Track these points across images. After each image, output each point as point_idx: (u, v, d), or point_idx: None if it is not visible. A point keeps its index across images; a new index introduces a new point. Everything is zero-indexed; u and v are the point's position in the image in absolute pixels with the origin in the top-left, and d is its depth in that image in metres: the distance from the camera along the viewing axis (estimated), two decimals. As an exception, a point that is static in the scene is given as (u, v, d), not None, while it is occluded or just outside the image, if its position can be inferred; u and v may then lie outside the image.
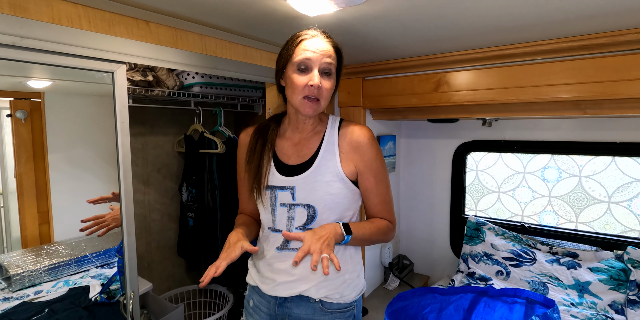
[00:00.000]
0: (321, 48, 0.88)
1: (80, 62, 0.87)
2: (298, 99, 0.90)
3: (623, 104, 1.20)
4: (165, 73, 1.60)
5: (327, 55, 0.89)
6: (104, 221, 1.25)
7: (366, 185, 0.98)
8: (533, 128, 1.73)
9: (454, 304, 1.34)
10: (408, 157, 2.12)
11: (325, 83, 0.89)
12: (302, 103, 0.90)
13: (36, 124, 1.34)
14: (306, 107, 0.90)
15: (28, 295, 1.24)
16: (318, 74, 0.88)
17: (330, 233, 0.86)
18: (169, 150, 2.01)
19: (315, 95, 0.89)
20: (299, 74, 0.89)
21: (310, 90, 0.88)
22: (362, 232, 0.93)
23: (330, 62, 0.89)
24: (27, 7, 0.78)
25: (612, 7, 0.90)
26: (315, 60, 0.87)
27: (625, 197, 1.60)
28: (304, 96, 0.89)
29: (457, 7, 0.92)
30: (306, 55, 0.87)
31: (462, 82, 1.42)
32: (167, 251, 2.05)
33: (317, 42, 0.89)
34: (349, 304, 0.99)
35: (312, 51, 0.87)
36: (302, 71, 0.89)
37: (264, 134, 1.02)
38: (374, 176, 0.97)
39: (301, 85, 0.88)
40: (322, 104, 0.91)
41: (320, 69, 0.88)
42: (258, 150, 0.99)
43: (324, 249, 0.81)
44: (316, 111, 0.92)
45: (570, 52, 1.20)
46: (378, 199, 0.99)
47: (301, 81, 0.88)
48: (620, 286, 1.43)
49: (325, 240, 0.83)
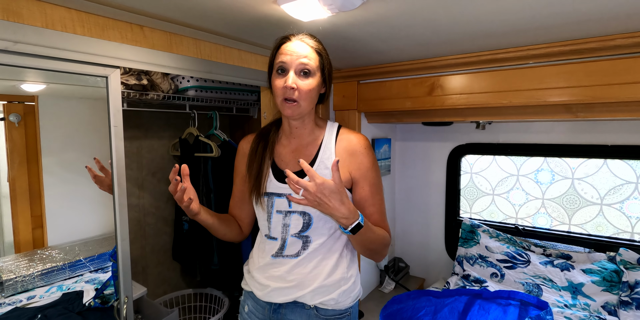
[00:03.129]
0: (297, 50, 0.89)
1: (74, 66, 0.87)
2: (279, 101, 0.91)
3: (613, 108, 1.22)
4: (160, 77, 1.59)
5: (303, 56, 0.89)
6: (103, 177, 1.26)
7: (361, 194, 0.97)
8: (526, 131, 1.75)
9: (449, 306, 1.35)
10: (403, 160, 2.13)
11: (302, 83, 0.89)
12: (282, 105, 0.91)
13: (30, 127, 1.33)
14: (285, 109, 0.91)
15: (21, 301, 1.23)
16: (294, 75, 0.88)
17: (340, 204, 0.79)
18: (163, 154, 2.00)
19: (291, 96, 0.89)
20: (277, 77, 0.91)
21: (286, 91, 0.88)
22: (373, 231, 0.89)
23: (306, 62, 0.89)
24: (20, 12, 0.78)
25: (601, 13, 0.92)
26: (290, 63, 0.88)
27: (617, 199, 1.62)
28: (282, 98, 0.90)
29: (450, 12, 0.93)
30: (282, 58, 0.89)
31: (456, 85, 1.43)
32: (162, 255, 2.04)
33: (294, 44, 0.90)
34: (345, 310, 0.99)
35: (288, 54, 0.89)
36: (279, 74, 0.90)
37: (265, 138, 1.02)
38: (370, 186, 0.96)
39: (278, 87, 0.90)
40: (303, 105, 0.91)
41: (297, 70, 0.89)
42: (259, 156, 0.99)
43: (311, 198, 0.78)
44: (295, 112, 0.91)
45: (562, 56, 1.22)
46: (374, 208, 0.97)
47: (278, 83, 0.90)
48: (613, 287, 1.44)
49: (325, 199, 0.77)
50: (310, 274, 0.95)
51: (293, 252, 0.95)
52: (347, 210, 0.80)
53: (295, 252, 0.95)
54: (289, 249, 0.96)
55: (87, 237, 1.49)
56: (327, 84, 0.97)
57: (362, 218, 0.84)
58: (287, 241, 0.96)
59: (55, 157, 1.39)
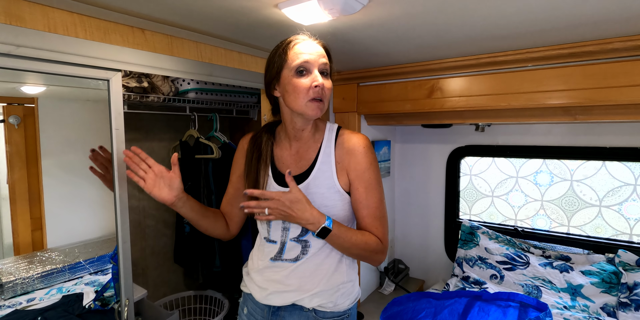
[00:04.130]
0: (315, 49, 0.89)
1: (75, 70, 0.87)
2: (303, 102, 0.88)
3: (611, 110, 1.23)
4: (161, 79, 1.60)
5: (322, 55, 0.89)
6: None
7: (355, 195, 0.94)
8: (525, 133, 1.75)
9: (449, 308, 1.35)
10: (403, 162, 2.14)
11: (326, 83, 0.89)
12: (308, 106, 0.88)
13: (29, 129, 1.33)
14: (314, 108, 0.88)
15: (20, 303, 1.23)
16: (319, 74, 0.88)
17: (302, 212, 0.85)
18: (164, 156, 2.00)
19: (320, 95, 0.88)
20: (299, 77, 0.88)
21: (316, 91, 0.87)
22: (348, 235, 0.88)
23: (326, 62, 0.90)
24: (22, 16, 0.78)
25: (599, 16, 0.93)
26: (314, 62, 0.88)
27: (615, 201, 1.63)
28: (310, 99, 0.88)
29: (449, 16, 0.94)
30: (304, 58, 0.87)
31: (455, 88, 1.44)
32: (162, 257, 2.04)
33: (310, 44, 0.90)
34: (343, 312, 0.98)
35: (308, 53, 0.87)
36: (302, 74, 0.88)
37: (258, 146, 1.00)
38: (365, 187, 0.93)
39: (305, 88, 0.87)
40: (326, 104, 0.91)
41: (319, 69, 0.89)
42: (254, 163, 0.98)
43: (276, 213, 0.85)
44: (322, 111, 0.91)
45: (560, 59, 1.23)
46: (366, 211, 0.93)
47: (304, 84, 0.87)
48: (612, 289, 1.45)
49: (289, 211, 0.85)
50: (309, 278, 0.94)
51: (292, 257, 0.95)
52: (310, 216, 0.85)
53: (294, 257, 0.95)
54: (288, 253, 0.96)
55: (86, 239, 1.49)
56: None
57: (329, 222, 0.87)
58: (287, 245, 0.95)
59: (55, 159, 1.39)
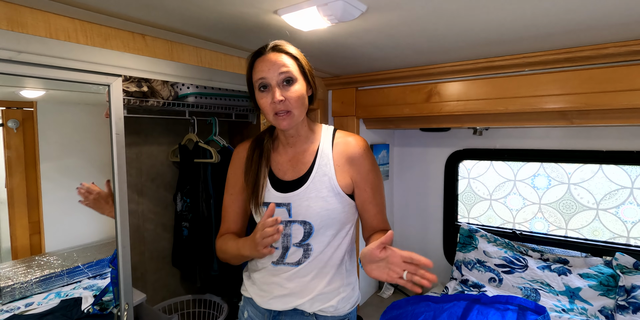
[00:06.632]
0: (272, 62, 0.88)
1: (76, 75, 0.88)
2: (271, 117, 0.90)
3: (607, 114, 1.24)
4: (160, 84, 1.60)
5: (280, 65, 0.87)
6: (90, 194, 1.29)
7: (364, 197, 0.96)
8: (523, 137, 1.77)
9: (447, 311, 1.35)
10: (401, 165, 2.14)
11: (289, 93, 0.88)
12: (275, 120, 0.90)
13: (28, 133, 1.33)
14: (280, 122, 0.89)
15: (19, 308, 1.22)
16: (278, 89, 0.87)
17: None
18: (163, 160, 2.00)
19: (282, 109, 0.88)
20: (261, 95, 0.89)
21: (275, 107, 0.87)
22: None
23: (285, 70, 0.88)
24: (24, 22, 0.79)
25: (594, 22, 0.94)
26: (271, 77, 0.87)
27: (612, 204, 1.64)
28: (273, 114, 0.89)
29: (448, 22, 0.95)
30: (260, 75, 0.88)
31: (453, 92, 1.45)
32: (161, 261, 2.03)
33: (267, 59, 0.88)
34: (343, 316, 0.99)
35: (265, 70, 0.87)
36: (263, 91, 0.89)
37: (259, 148, 1.01)
38: (371, 188, 0.95)
39: (266, 104, 0.88)
40: (296, 113, 0.90)
41: (279, 81, 0.88)
42: (254, 167, 0.98)
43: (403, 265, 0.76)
44: (292, 123, 0.90)
45: (556, 64, 1.24)
46: (376, 209, 0.97)
47: (265, 102, 0.89)
48: (609, 292, 1.45)
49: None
50: (310, 282, 0.95)
51: (294, 260, 0.95)
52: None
53: (296, 261, 0.95)
54: (290, 257, 0.96)
55: (85, 243, 1.48)
56: (312, 85, 0.95)
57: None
58: (289, 250, 0.96)
59: (54, 162, 1.39)
